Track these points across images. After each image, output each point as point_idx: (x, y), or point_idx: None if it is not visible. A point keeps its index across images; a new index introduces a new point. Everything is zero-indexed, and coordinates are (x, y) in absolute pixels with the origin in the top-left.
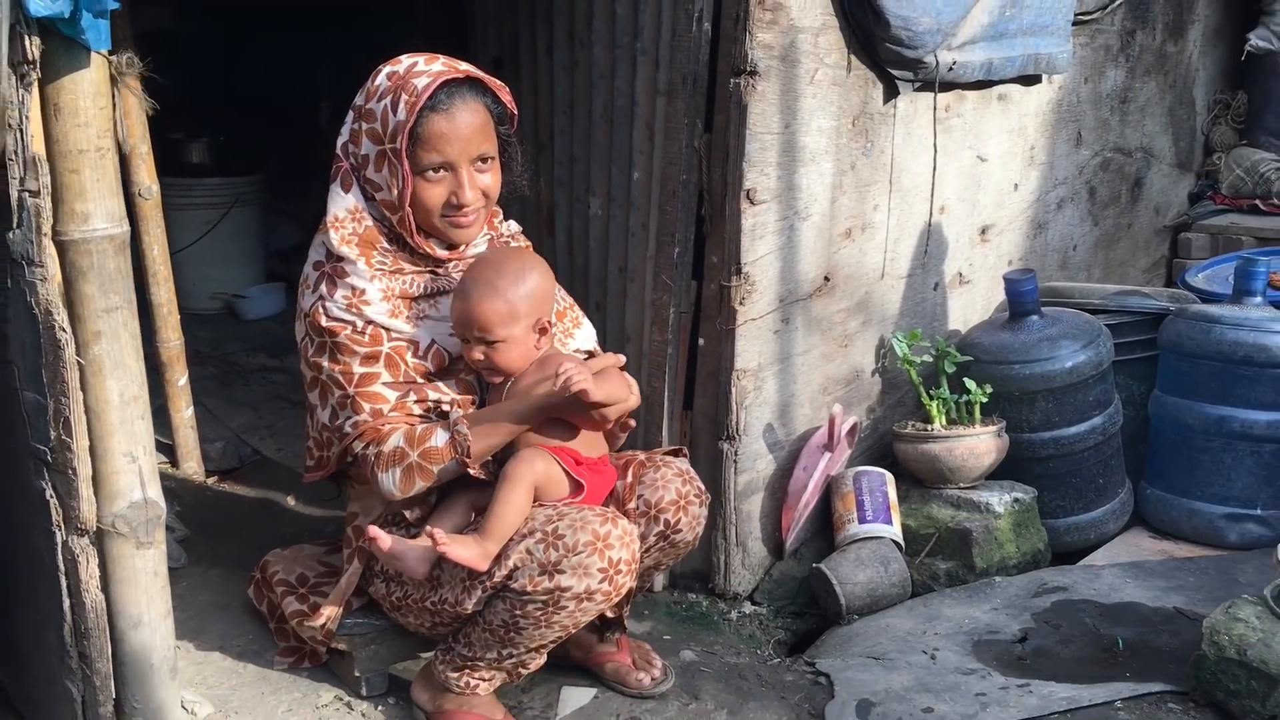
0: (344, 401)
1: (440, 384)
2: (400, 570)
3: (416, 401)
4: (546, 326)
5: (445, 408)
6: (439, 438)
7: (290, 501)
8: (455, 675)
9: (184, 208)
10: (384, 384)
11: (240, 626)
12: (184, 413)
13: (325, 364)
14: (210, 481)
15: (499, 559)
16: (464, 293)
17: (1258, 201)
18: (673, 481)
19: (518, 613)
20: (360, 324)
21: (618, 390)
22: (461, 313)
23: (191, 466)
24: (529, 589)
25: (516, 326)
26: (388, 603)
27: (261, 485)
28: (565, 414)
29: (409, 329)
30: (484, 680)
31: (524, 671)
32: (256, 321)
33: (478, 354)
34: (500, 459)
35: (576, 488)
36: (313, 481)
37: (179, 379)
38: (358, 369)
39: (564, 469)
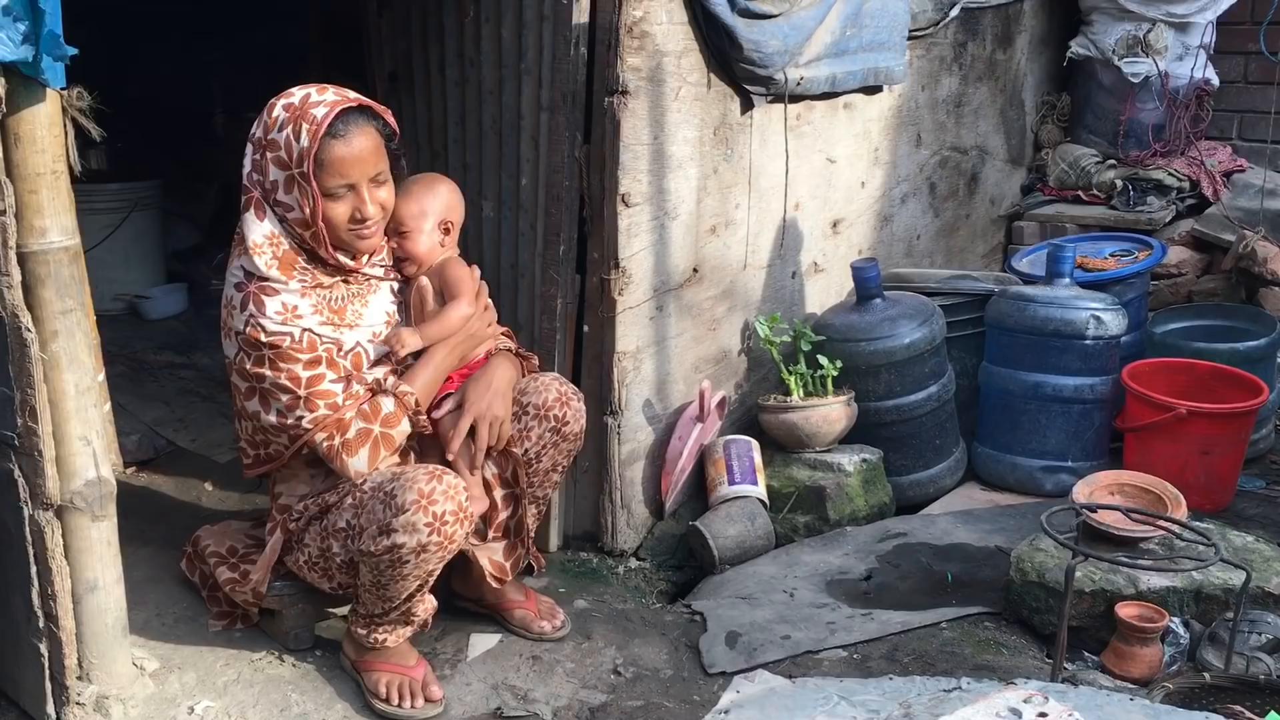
0: (294, 403)
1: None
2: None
3: (361, 389)
4: (449, 228)
5: (381, 383)
6: (387, 404)
7: (207, 487)
8: (364, 633)
9: (85, 213)
10: (331, 382)
11: (174, 596)
12: (101, 408)
13: (268, 373)
14: (129, 472)
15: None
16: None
17: (1080, 192)
18: (551, 385)
19: (375, 570)
20: (297, 334)
21: (440, 330)
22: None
23: (111, 458)
24: (373, 549)
25: (425, 221)
26: (301, 568)
27: (178, 473)
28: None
29: (335, 334)
30: (389, 634)
31: (416, 618)
32: (160, 321)
33: (393, 243)
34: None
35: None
36: (253, 476)
37: (96, 376)
38: (303, 373)
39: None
